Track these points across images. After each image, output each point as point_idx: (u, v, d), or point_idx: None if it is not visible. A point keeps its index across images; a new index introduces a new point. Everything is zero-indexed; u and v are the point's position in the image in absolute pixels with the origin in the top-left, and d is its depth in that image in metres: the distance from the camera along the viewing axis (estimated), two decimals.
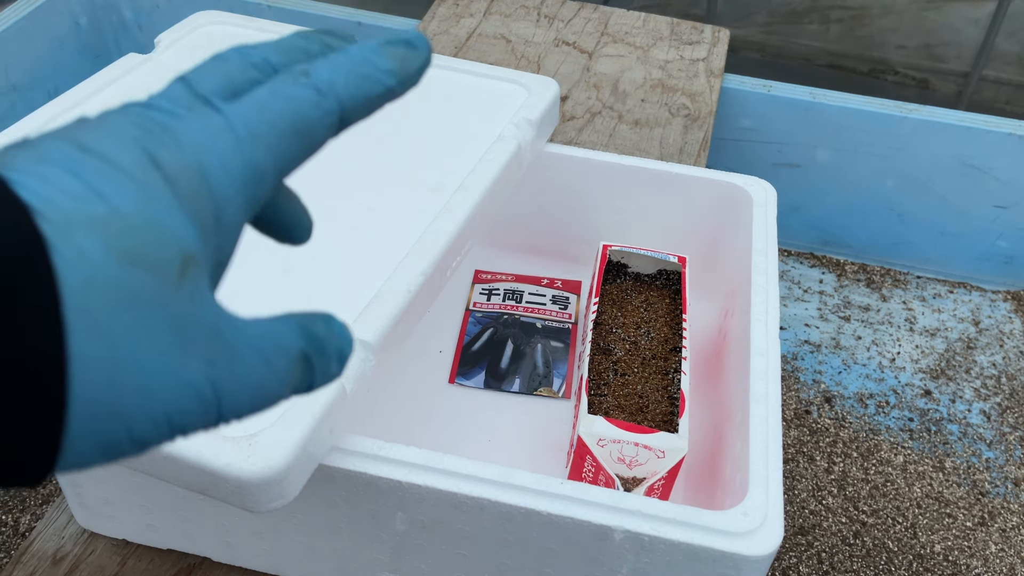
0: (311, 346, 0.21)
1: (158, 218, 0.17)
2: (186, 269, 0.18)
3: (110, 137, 0.18)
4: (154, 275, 0.17)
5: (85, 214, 0.16)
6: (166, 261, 0.17)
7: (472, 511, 0.44)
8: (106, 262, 0.16)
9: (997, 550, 1.04)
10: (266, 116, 0.20)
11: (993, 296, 1.37)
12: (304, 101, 0.21)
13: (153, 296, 0.17)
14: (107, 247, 0.16)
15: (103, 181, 0.17)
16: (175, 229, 0.18)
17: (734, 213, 0.64)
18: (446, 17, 1.19)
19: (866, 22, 1.35)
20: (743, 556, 0.41)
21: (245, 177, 0.20)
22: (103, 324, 0.16)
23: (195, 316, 0.18)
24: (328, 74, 0.21)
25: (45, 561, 0.54)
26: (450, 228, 0.51)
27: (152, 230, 0.17)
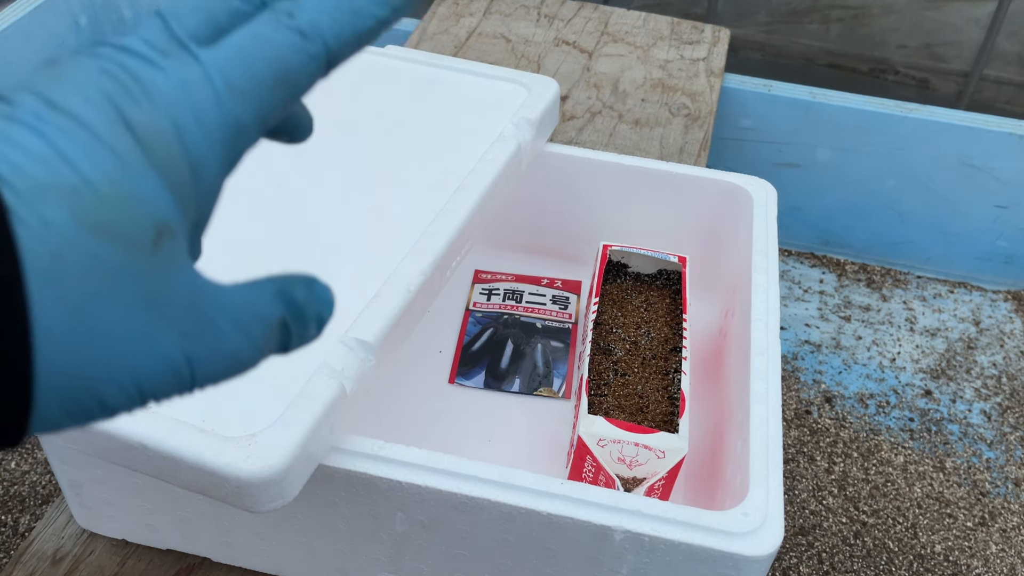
0: (290, 312, 0.20)
1: (130, 187, 0.16)
2: (160, 239, 0.17)
3: (80, 90, 0.17)
4: (126, 247, 0.16)
5: (52, 182, 0.16)
6: (139, 232, 0.17)
7: (472, 511, 0.43)
8: (74, 234, 0.16)
9: (997, 550, 1.04)
10: (247, 66, 0.19)
11: (994, 296, 1.37)
12: (287, 47, 0.19)
13: (125, 268, 0.16)
14: (76, 218, 0.16)
15: (72, 145, 0.16)
16: (148, 198, 0.17)
17: (734, 213, 0.64)
18: (446, 16, 1.19)
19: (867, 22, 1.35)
20: (743, 556, 0.41)
21: (224, 134, 0.18)
22: (71, 298, 0.16)
23: (170, 287, 0.17)
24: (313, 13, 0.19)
25: (45, 561, 0.54)
26: (450, 228, 0.51)
27: (124, 200, 0.16)
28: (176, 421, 0.40)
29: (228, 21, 0.20)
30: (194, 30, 0.19)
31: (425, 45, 1.12)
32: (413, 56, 0.67)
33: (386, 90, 0.63)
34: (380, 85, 0.64)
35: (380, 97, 0.63)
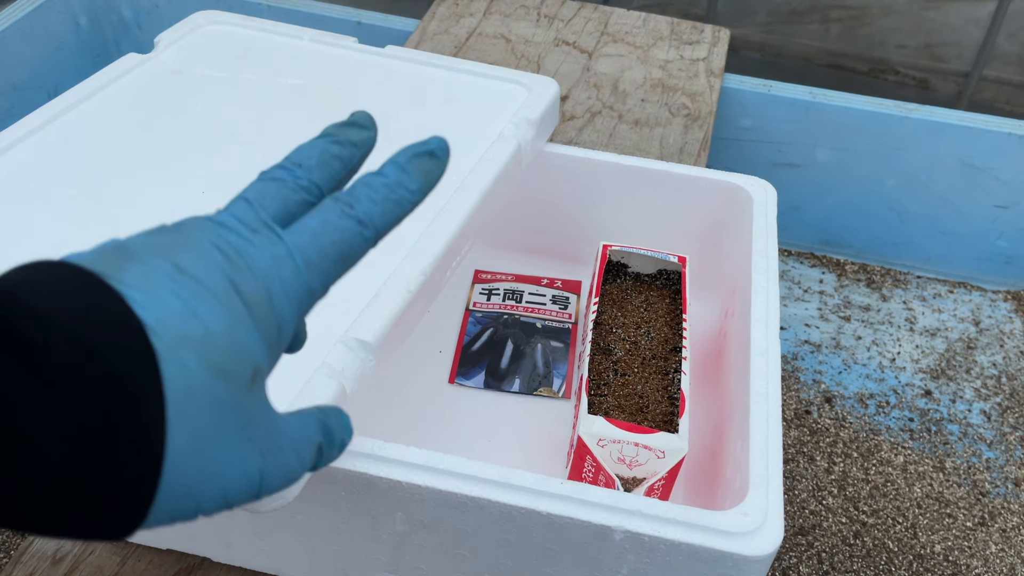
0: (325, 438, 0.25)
1: (240, 339, 0.21)
2: (255, 379, 0.21)
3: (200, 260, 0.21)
4: (234, 385, 0.21)
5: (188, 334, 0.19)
6: (243, 373, 0.21)
7: (472, 511, 0.43)
8: (201, 375, 0.20)
9: (997, 550, 1.04)
10: (319, 246, 0.23)
11: (993, 296, 1.37)
12: (349, 232, 0.24)
13: (232, 402, 0.21)
14: (203, 362, 0.20)
15: (200, 304, 0.20)
16: (252, 347, 0.21)
17: (734, 213, 0.64)
18: (446, 17, 1.19)
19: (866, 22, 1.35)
20: (743, 556, 0.41)
21: (300, 299, 0.23)
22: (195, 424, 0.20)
23: (258, 417, 0.22)
24: (368, 205, 0.25)
25: (45, 561, 0.54)
26: (450, 228, 0.51)
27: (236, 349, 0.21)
28: None
29: (298, 208, 0.24)
30: (273, 213, 0.24)
31: (425, 45, 1.12)
32: (413, 56, 0.67)
33: (386, 90, 0.63)
34: (380, 85, 0.64)
35: (380, 97, 0.63)
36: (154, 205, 0.52)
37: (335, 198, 0.25)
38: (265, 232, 0.23)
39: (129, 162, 0.55)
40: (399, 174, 0.26)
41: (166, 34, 0.66)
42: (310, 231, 0.23)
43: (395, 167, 0.26)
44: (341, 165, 0.27)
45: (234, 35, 0.68)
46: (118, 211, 0.51)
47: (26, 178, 0.53)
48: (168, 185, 0.53)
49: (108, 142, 0.56)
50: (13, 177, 0.53)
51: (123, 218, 0.51)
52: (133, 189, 0.53)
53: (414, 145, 0.26)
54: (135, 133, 0.57)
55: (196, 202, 0.52)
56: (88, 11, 1.42)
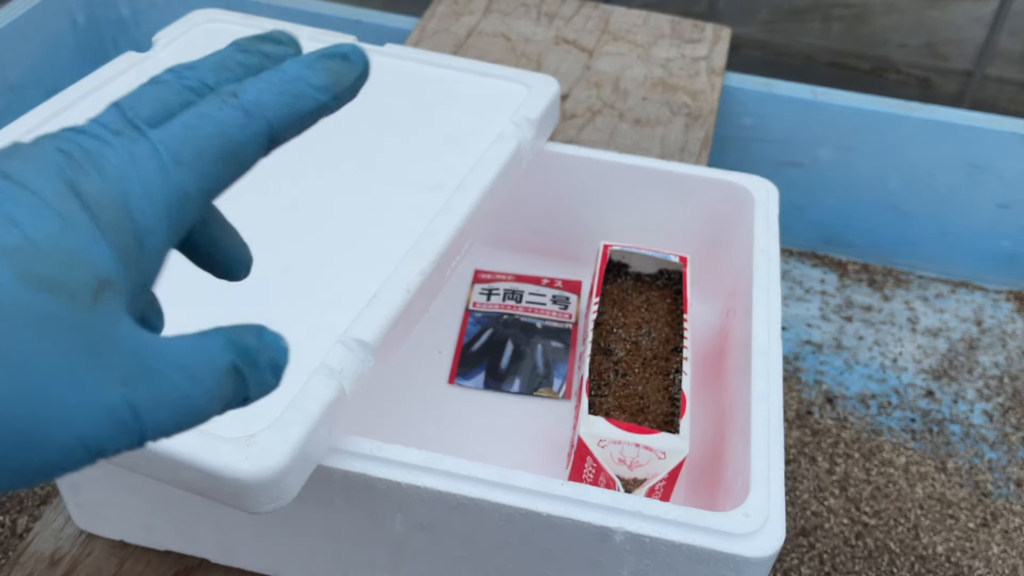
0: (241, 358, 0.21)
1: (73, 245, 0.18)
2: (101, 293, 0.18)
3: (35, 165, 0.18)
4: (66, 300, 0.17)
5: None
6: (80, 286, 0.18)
7: (472, 513, 0.43)
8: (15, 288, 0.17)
9: (1000, 551, 1.04)
10: (192, 140, 0.20)
11: (996, 296, 1.36)
12: (231, 123, 0.21)
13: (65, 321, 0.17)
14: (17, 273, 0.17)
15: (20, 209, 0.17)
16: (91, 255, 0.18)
17: (736, 212, 0.64)
18: (446, 15, 1.19)
19: (868, 20, 1.34)
20: (744, 557, 0.41)
21: (169, 202, 0.20)
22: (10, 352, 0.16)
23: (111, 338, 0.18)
24: (256, 94, 0.22)
25: (43, 562, 0.54)
26: (450, 227, 0.51)
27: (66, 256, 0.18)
28: None
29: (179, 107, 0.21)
30: (147, 115, 0.21)
31: (425, 44, 1.12)
32: (413, 55, 0.67)
33: (386, 89, 0.63)
34: (379, 84, 0.63)
35: (379, 96, 0.62)
36: None
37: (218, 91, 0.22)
38: (128, 132, 0.20)
39: None
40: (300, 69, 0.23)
41: (164, 32, 0.66)
42: (181, 125, 0.21)
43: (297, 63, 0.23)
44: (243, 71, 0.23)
45: (232, 33, 0.67)
46: None
47: None
48: None
49: None
50: None
51: None
52: None
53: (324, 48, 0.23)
54: None
55: None
56: (86, 9, 1.41)
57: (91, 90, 0.59)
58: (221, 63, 0.23)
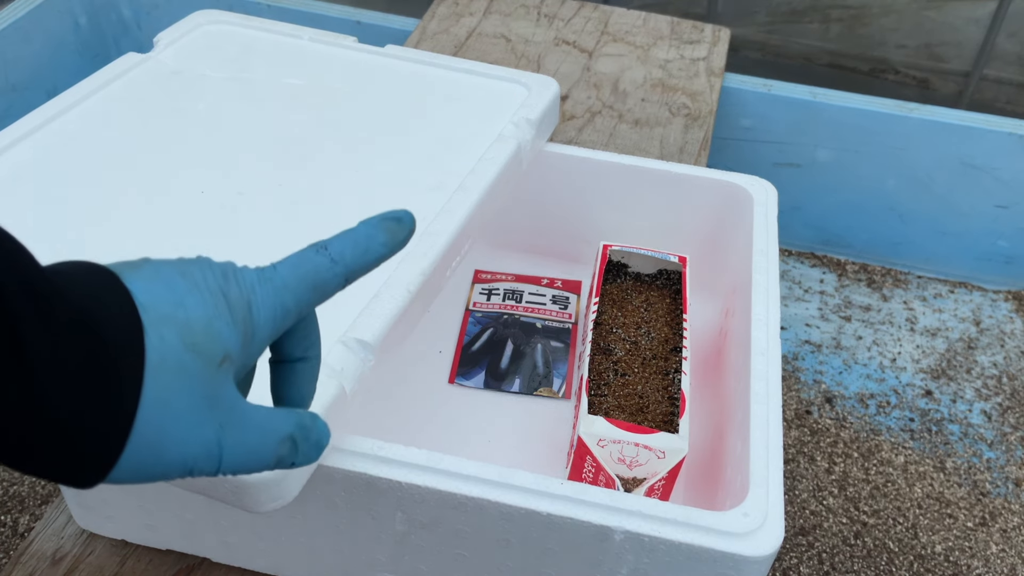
0: (298, 432, 0.29)
1: (216, 327, 0.26)
2: (224, 362, 0.27)
3: (201, 272, 0.27)
4: (203, 361, 0.26)
5: (172, 315, 0.25)
6: (214, 354, 0.26)
7: (472, 512, 0.43)
8: (176, 347, 0.25)
9: (998, 550, 1.04)
10: (296, 273, 0.30)
11: (994, 296, 1.37)
12: (322, 266, 0.30)
13: (198, 374, 0.26)
14: (179, 338, 0.25)
15: (189, 298, 0.26)
16: (225, 336, 0.27)
17: (735, 213, 0.64)
18: (446, 16, 1.19)
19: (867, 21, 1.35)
20: (744, 557, 0.41)
21: (275, 312, 0.29)
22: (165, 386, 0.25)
23: (222, 394, 0.26)
24: (340, 247, 0.31)
25: (44, 561, 0.54)
26: (450, 228, 0.51)
27: (210, 333, 0.26)
28: None
29: None
30: None
31: (425, 45, 1.12)
32: (413, 56, 0.67)
33: (386, 90, 0.63)
34: (380, 85, 0.64)
35: (380, 96, 0.63)
36: (153, 204, 0.52)
37: (313, 243, 0.31)
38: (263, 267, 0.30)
39: (128, 161, 0.55)
40: (368, 229, 0.32)
41: (165, 33, 0.66)
42: (291, 263, 0.30)
43: (366, 225, 0.32)
44: None
45: (234, 34, 0.68)
46: (117, 210, 0.51)
47: (25, 178, 0.53)
48: (167, 184, 0.53)
49: (107, 142, 0.56)
50: (12, 176, 0.53)
51: (121, 217, 0.51)
52: (132, 188, 0.53)
53: (384, 212, 0.33)
54: (134, 133, 0.57)
55: (195, 201, 0.52)
56: (88, 10, 1.41)
57: (93, 91, 0.60)
58: None
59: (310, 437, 0.29)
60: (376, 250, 0.32)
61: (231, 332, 0.27)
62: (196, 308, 0.26)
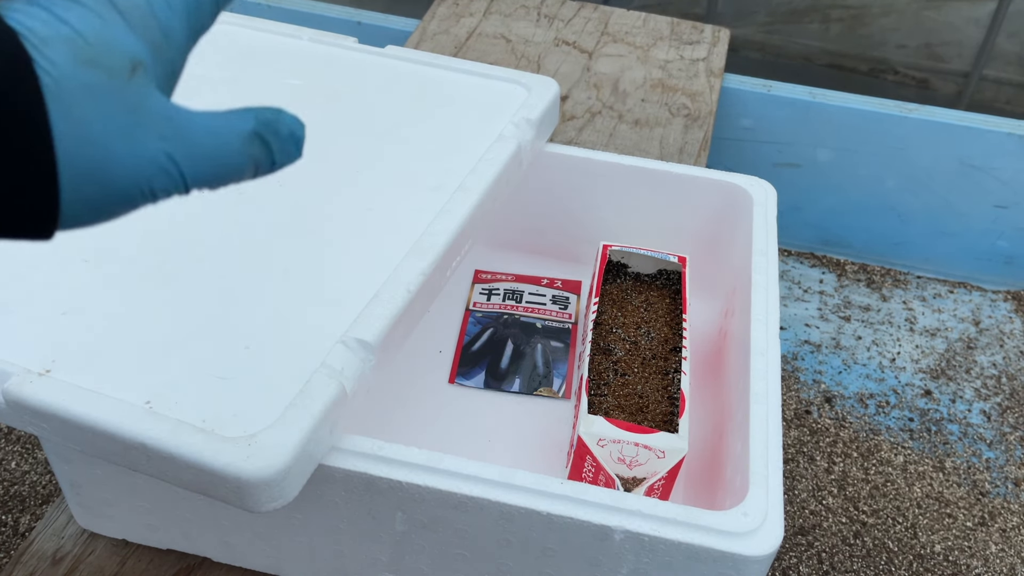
0: (262, 127, 0.27)
1: (110, 36, 0.24)
2: (135, 71, 0.25)
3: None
4: (108, 74, 0.24)
5: (55, 35, 0.23)
6: (117, 64, 0.24)
7: (472, 511, 0.44)
8: (71, 66, 0.23)
9: (997, 550, 1.04)
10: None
11: (993, 296, 1.37)
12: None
13: (108, 89, 0.24)
14: (71, 56, 0.23)
15: (70, 15, 0.24)
16: (124, 44, 0.25)
17: (734, 213, 0.64)
18: (446, 17, 1.19)
19: (866, 21, 1.35)
20: (743, 556, 0.41)
21: (187, 7, 0.27)
22: (73, 110, 0.23)
23: (146, 105, 0.25)
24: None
25: (45, 561, 0.54)
26: (450, 228, 0.51)
27: (104, 43, 0.24)
28: (176, 421, 0.40)
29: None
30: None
31: (425, 45, 1.12)
32: (413, 56, 0.67)
33: (386, 90, 0.63)
34: (380, 85, 0.64)
35: (380, 97, 0.63)
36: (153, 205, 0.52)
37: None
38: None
39: None
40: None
41: None
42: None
43: None
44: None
45: (234, 35, 0.68)
46: None
47: None
48: None
49: None
50: None
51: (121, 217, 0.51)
52: None
53: None
54: None
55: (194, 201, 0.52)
56: None
57: None
58: None
59: (279, 131, 0.27)
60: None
61: (131, 38, 0.25)
62: (80, 22, 0.24)
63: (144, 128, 0.25)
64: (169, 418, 0.40)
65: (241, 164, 0.27)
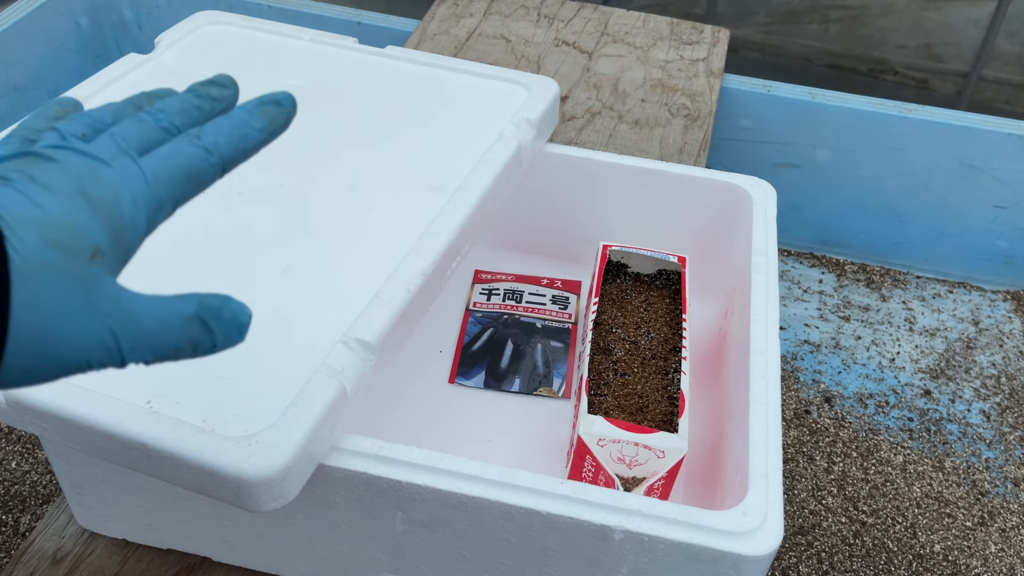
0: (205, 312, 0.28)
1: (77, 222, 0.26)
2: (95, 257, 0.26)
3: (55, 173, 0.27)
4: (70, 256, 0.26)
5: (27, 216, 0.25)
6: (80, 249, 0.26)
7: (472, 511, 0.44)
8: (37, 246, 0.25)
9: (997, 550, 1.04)
10: (167, 167, 0.29)
11: (993, 296, 1.37)
12: (196, 157, 0.30)
13: (68, 269, 0.25)
14: (40, 236, 0.25)
15: (43, 199, 0.26)
16: (88, 231, 0.26)
17: (734, 213, 0.64)
18: (446, 17, 1.19)
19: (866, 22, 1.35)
20: (743, 556, 0.41)
21: (148, 206, 0.29)
22: (33, 286, 0.24)
23: (99, 288, 0.26)
24: (214, 137, 0.30)
25: (45, 561, 0.54)
26: (450, 228, 0.51)
27: (71, 228, 0.26)
28: (176, 421, 0.40)
29: (157, 140, 0.30)
30: (136, 146, 0.30)
31: (425, 45, 1.12)
32: (413, 56, 0.67)
33: (386, 90, 0.63)
34: (380, 85, 0.64)
35: (380, 97, 0.63)
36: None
37: (187, 133, 0.31)
38: (122, 158, 0.29)
39: None
40: (245, 115, 0.31)
41: (166, 34, 0.66)
42: (160, 156, 0.30)
43: (242, 111, 0.31)
44: (200, 114, 0.32)
45: (234, 35, 0.68)
46: None
47: None
48: None
49: None
50: None
51: None
52: None
53: (262, 96, 0.32)
54: None
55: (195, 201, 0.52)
56: (89, 11, 1.42)
57: (94, 91, 0.60)
58: (184, 108, 0.32)
59: (222, 316, 0.29)
60: (253, 137, 0.31)
61: (95, 226, 0.27)
62: (52, 207, 0.26)
63: (94, 308, 0.26)
64: (169, 418, 0.40)
65: (179, 344, 0.28)
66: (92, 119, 0.30)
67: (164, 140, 0.30)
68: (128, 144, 0.30)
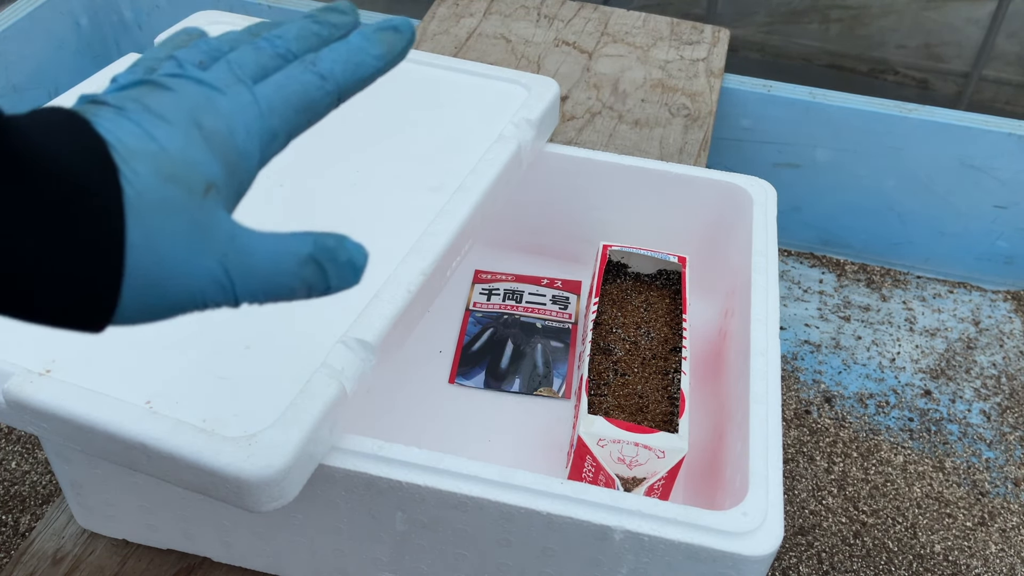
0: (320, 252, 0.28)
1: (192, 156, 0.26)
2: (209, 191, 0.26)
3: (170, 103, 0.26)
4: (185, 191, 0.25)
5: (142, 149, 0.25)
6: (194, 183, 0.25)
7: (472, 511, 0.44)
8: (153, 181, 0.24)
9: (997, 550, 1.04)
10: (282, 95, 0.28)
11: (993, 296, 1.37)
12: (311, 85, 0.29)
13: (183, 205, 0.25)
14: (154, 170, 0.25)
15: (158, 131, 0.25)
16: (204, 165, 0.26)
17: (734, 213, 0.64)
18: (446, 17, 1.19)
19: (866, 22, 1.35)
20: (743, 556, 0.41)
21: (262, 138, 0.28)
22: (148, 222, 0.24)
23: (214, 224, 0.26)
24: (330, 63, 0.29)
25: (45, 561, 0.54)
26: (450, 228, 0.51)
27: (186, 162, 0.25)
28: (176, 421, 0.40)
29: (273, 67, 0.29)
30: (250, 73, 0.29)
31: (425, 45, 1.12)
32: (413, 56, 0.67)
33: (386, 90, 0.63)
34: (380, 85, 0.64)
35: (380, 97, 0.63)
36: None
37: (302, 59, 0.29)
38: (237, 86, 0.28)
39: None
40: (362, 41, 0.30)
41: (166, 35, 0.66)
42: (274, 83, 0.29)
43: (360, 36, 0.30)
44: (318, 40, 0.30)
45: None
46: None
47: None
48: None
49: None
50: None
51: None
52: None
53: (380, 21, 0.31)
54: None
55: None
56: (88, 11, 1.42)
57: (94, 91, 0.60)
58: (301, 34, 0.30)
59: (338, 257, 0.28)
60: (370, 64, 0.30)
61: (210, 160, 0.26)
62: (167, 140, 0.25)
63: (208, 245, 0.26)
64: (169, 418, 0.40)
65: (293, 285, 0.27)
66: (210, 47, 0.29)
67: (280, 67, 0.29)
68: (243, 71, 0.29)
